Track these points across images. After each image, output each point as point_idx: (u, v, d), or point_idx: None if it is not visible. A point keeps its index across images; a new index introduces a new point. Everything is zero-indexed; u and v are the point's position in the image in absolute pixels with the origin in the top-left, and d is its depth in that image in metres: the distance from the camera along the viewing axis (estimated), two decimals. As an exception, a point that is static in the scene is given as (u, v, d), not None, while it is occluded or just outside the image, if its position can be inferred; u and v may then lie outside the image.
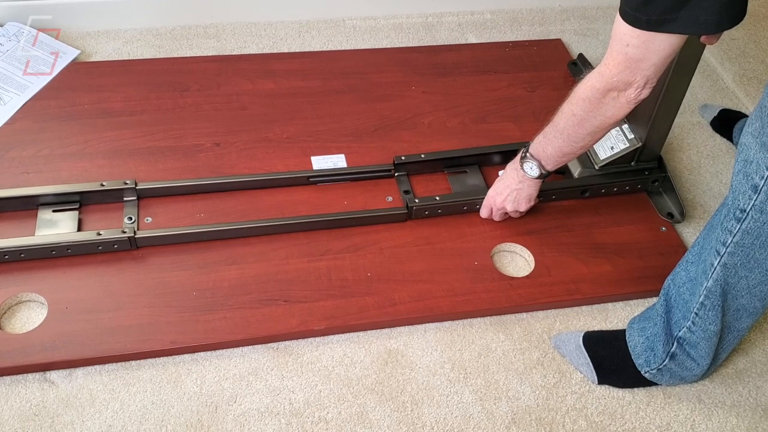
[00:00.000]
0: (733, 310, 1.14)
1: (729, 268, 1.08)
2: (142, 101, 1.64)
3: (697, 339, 1.17)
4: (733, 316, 1.16)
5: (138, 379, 1.21)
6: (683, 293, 1.18)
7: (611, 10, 2.12)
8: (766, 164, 0.98)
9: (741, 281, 1.09)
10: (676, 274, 1.22)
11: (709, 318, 1.14)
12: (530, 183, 1.37)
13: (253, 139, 1.58)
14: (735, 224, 1.05)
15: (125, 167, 1.49)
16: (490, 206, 1.44)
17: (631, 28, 1.01)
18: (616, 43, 1.06)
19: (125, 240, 1.32)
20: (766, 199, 1.01)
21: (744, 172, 1.02)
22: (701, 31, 0.99)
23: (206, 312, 1.27)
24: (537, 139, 1.32)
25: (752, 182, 1.00)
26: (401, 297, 1.33)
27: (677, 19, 0.97)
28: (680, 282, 1.20)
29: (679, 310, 1.18)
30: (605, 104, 1.14)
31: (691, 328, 1.16)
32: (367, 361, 1.26)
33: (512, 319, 1.35)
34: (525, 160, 1.35)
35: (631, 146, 1.46)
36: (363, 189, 1.52)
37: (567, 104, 1.22)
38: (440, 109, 1.72)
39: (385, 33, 1.96)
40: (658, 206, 1.52)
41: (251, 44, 1.88)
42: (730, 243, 1.06)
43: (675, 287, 1.20)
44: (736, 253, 1.06)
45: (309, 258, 1.37)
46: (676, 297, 1.20)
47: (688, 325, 1.16)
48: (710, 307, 1.13)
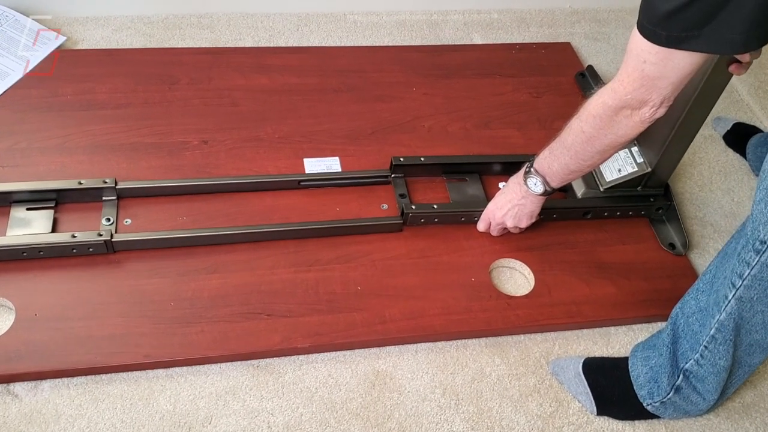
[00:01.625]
0: (745, 345, 1.08)
1: (744, 301, 1.02)
2: (128, 94, 1.56)
3: (705, 373, 1.10)
4: (745, 351, 1.09)
5: (108, 394, 1.13)
6: (692, 323, 1.11)
7: (623, 13, 2.04)
8: None
9: (756, 316, 1.03)
10: (685, 303, 1.15)
11: (719, 352, 1.08)
12: (533, 199, 1.29)
13: (243, 137, 1.50)
14: (754, 256, 0.98)
15: (106, 164, 1.41)
16: (488, 220, 1.36)
17: (649, 44, 0.94)
18: (632, 58, 0.98)
19: (101, 243, 1.25)
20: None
21: (766, 201, 0.95)
22: (726, 50, 0.91)
23: (183, 324, 1.19)
24: (543, 154, 1.24)
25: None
26: (392, 314, 1.26)
27: (700, 36, 0.90)
28: (689, 311, 1.13)
29: (686, 341, 1.11)
30: (617, 122, 1.07)
31: (699, 361, 1.10)
32: (353, 383, 1.19)
33: (509, 342, 1.28)
34: (529, 175, 1.27)
35: (639, 171, 1.38)
36: (357, 195, 1.44)
37: (576, 120, 1.14)
38: (441, 112, 1.64)
39: (387, 30, 1.88)
40: (661, 235, 1.44)
41: (247, 37, 1.79)
42: (748, 276, 1.00)
43: (684, 316, 1.13)
44: (752, 287, 1.00)
45: (296, 268, 1.29)
46: (684, 327, 1.13)
47: (696, 357, 1.10)
48: (721, 341, 1.07)
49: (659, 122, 1.34)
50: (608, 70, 1.83)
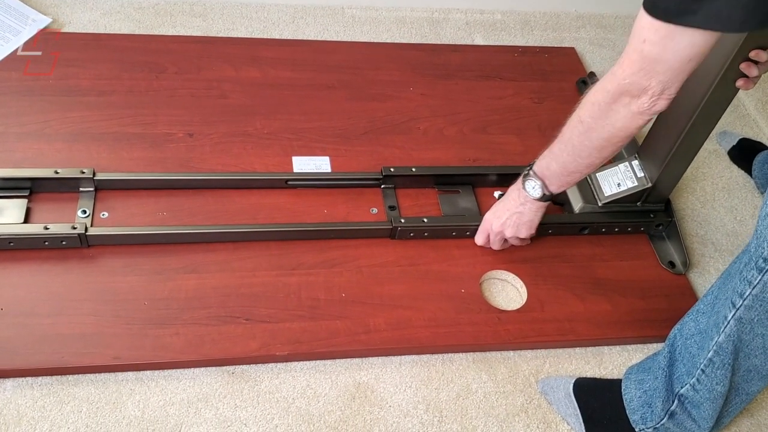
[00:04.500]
0: (743, 371, 1.04)
1: (744, 323, 0.98)
2: (113, 81, 1.50)
3: (701, 399, 1.05)
4: (743, 378, 1.05)
5: (73, 396, 1.07)
6: (690, 346, 1.06)
7: (630, 20, 1.96)
8: None
9: (756, 339, 0.99)
10: (684, 324, 1.10)
11: (716, 377, 1.03)
12: (531, 206, 1.24)
13: (230, 131, 1.44)
14: (756, 275, 0.94)
15: (86, 153, 1.35)
16: (486, 231, 1.31)
17: (649, 20, 0.91)
18: (634, 39, 0.96)
19: (75, 237, 1.19)
20: None
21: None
22: (723, 27, 0.88)
23: (157, 326, 1.13)
24: (542, 155, 1.21)
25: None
26: (377, 324, 1.20)
27: (698, 11, 0.87)
28: (688, 333, 1.08)
29: (683, 364, 1.07)
30: (615, 111, 1.02)
31: (696, 386, 1.05)
32: (333, 394, 1.13)
33: (497, 357, 1.23)
34: (528, 178, 1.22)
35: (639, 185, 1.33)
36: (346, 197, 1.38)
37: (575, 110, 1.11)
38: (438, 114, 1.58)
39: (386, 26, 1.82)
40: (660, 252, 1.39)
41: (240, 27, 1.73)
42: (749, 295, 0.96)
43: (682, 338, 1.09)
44: (753, 307, 0.96)
45: (279, 271, 1.24)
46: (682, 350, 1.08)
47: (693, 382, 1.05)
48: (719, 365, 1.02)
49: (662, 135, 1.30)
50: (612, 78, 1.77)
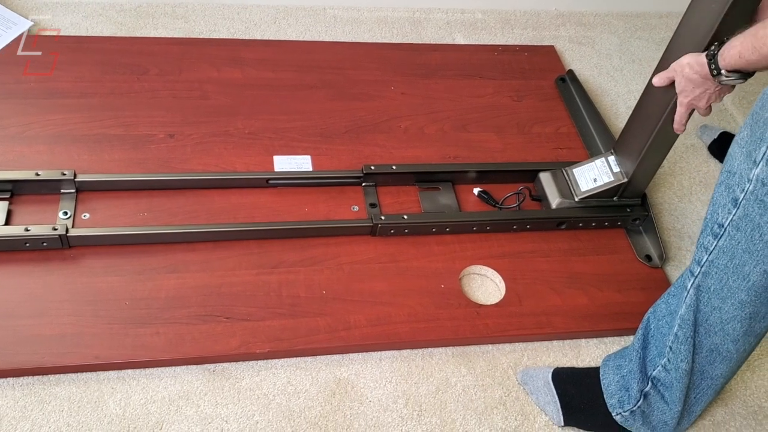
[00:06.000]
0: (706, 351, 1.06)
1: (702, 291, 1.01)
2: (94, 83, 1.51)
3: (671, 379, 1.08)
4: (706, 359, 1.07)
5: (55, 396, 1.08)
6: (662, 327, 1.09)
7: (609, 17, 2.00)
8: (749, 176, 0.92)
9: (714, 313, 1.02)
10: (656, 307, 1.13)
11: (681, 353, 1.06)
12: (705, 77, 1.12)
13: (211, 132, 1.45)
14: (712, 240, 0.98)
15: (67, 155, 1.36)
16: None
17: None
18: None
19: (56, 238, 1.19)
20: (744, 215, 0.94)
21: (726, 183, 0.96)
22: None
23: (138, 325, 1.15)
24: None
25: (733, 195, 0.95)
26: (357, 320, 1.21)
27: None
28: (660, 315, 1.11)
29: (655, 346, 1.10)
30: None
31: (666, 366, 1.08)
32: (313, 390, 1.14)
33: (476, 351, 1.24)
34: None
35: (615, 180, 1.35)
36: (327, 196, 1.39)
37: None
38: (419, 113, 1.60)
39: (367, 26, 1.83)
40: (637, 246, 1.41)
41: (222, 28, 1.74)
42: (705, 261, 1.00)
43: (655, 320, 1.12)
44: (710, 274, 1.00)
45: (259, 270, 1.25)
46: (654, 332, 1.11)
47: (664, 362, 1.08)
48: (683, 339, 1.05)
49: (636, 131, 1.32)
50: (590, 75, 1.79)
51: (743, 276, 0.96)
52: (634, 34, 1.96)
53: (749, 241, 0.94)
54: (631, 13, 2.02)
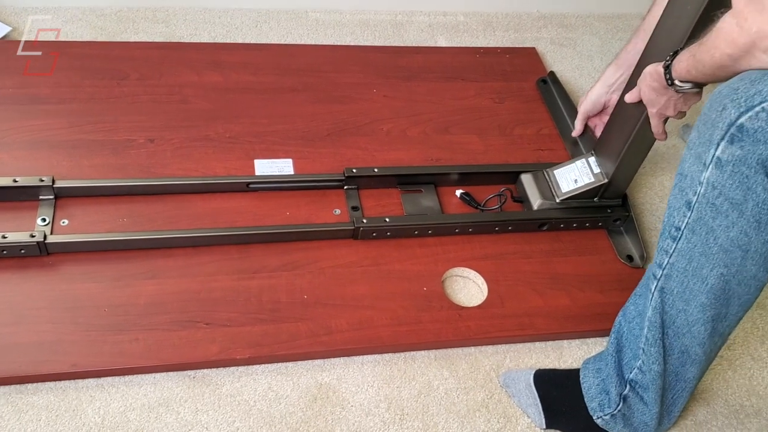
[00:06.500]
0: (677, 352, 1.06)
1: (666, 294, 1.01)
2: (73, 88, 1.50)
3: (647, 381, 1.08)
4: (678, 360, 1.07)
5: (32, 405, 1.07)
6: (633, 329, 1.10)
7: (591, 19, 2.01)
8: (700, 179, 0.92)
9: (680, 315, 1.02)
10: (626, 309, 1.13)
11: (652, 355, 1.06)
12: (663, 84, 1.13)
13: (191, 136, 1.45)
14: (671, 243, 0.98)
15: (46, 161, 1.35)
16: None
17: None
18: None
19: (33, 245, 1.18)
20: (698, 218, 0.94)
21: (679, 186, 0.96)
22: None
23: (116, 332, 1.14)
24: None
25: (686, 198, 0.95)
26: (339, 325, 1.21)
27: None
28: (630, 317, 1.11)
29: (630, 349, 1.10)
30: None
31: (642, 368, 1.08)
32: (294, 396, 1.14)
33: (459, 354, 1.24)
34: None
35: (596, 181, 1.35)
36: (309, 199, 1.39)
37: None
38: (401, 115, 1.59)
39: (349, 29, 1.83)
40: (618, 247, 1.41)
41: (203, 32, 1.74)
42: (666, 264, 1.00)
43: (626, 323, 1.12)
44: (672, 277, 1.00)
45: (239, 275, 1.24)
46: (627, 334, 1.11)
47: (639, 365, 1.08)
48: (652, 342, 1.05)
49: (616, 132, 1.32)
50: (572, 77, 1.80)
51: (702, 279, 0.97)
52: (616, 35, 1.97)
53: (704, 244, 0.95)
54: (612, 14, 2.03)
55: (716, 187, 0.90)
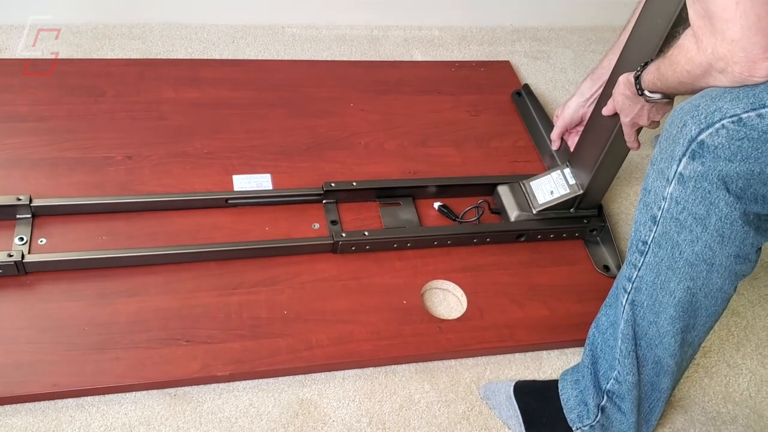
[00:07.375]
0: (651, 363, 1.08)
1: (637, 306, 1.03)
2: (51, 106, 1.49)
3: (624, 391, 1.10)
4: (652, 371, 1.09)
5: (11, 427, 1.06)
6: (608, 339, 1.11)
7: (564, 32, 2.04)
8: (663, 194, 0.93)
9: (651, 327, 1.04)
10: (598, 320, 1.15)
11: (626, 366, 1.08)
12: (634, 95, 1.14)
13: (169, 153, 1.45)
14: (639, 257, 1.01)
15: (23, 180, 1.34)
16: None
17: None
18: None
19: (11, 265, 1.18)
20: (663, 232, 0.96)
21: (644, 201, 0.98)
22: None
23: (97, 351, 1.13)
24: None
25: (651, 213, 0.97)
26: (319, 339, 1.21)
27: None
28: (602, 328, 1.13)
29: (605, 360, 1.12)
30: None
31: (618, 378, 1.09)
32: (276, 412, 1.14)
33: (439, 367, 1.25)
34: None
35: (571, 192, 1.38)
36: (288, 214, 1.39)
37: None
38: (378, 129, 1.61)
39: (326, 44, 1.85)
40: (595, 257, 1.43)
41: (180, 48, 1.74)
42: (635, 277, 1.02)
43: (599, 334, 1.14)
44: (641, 289, 1.02)
45: (220, 291, 1.24)
46: (602, 345, 1.13)
47: (615, 375, 1.10)
48: (626, 353, 1.07)
49: (590, 143, 1.34)
50: (546, 89, 1.83)
51: (670, 292, 0.99)
52: (588, 48, 2.00)
53: (671, 258, 0.97)
54: (585, 27, 2.07)
55: (679, 202, 0.92)
